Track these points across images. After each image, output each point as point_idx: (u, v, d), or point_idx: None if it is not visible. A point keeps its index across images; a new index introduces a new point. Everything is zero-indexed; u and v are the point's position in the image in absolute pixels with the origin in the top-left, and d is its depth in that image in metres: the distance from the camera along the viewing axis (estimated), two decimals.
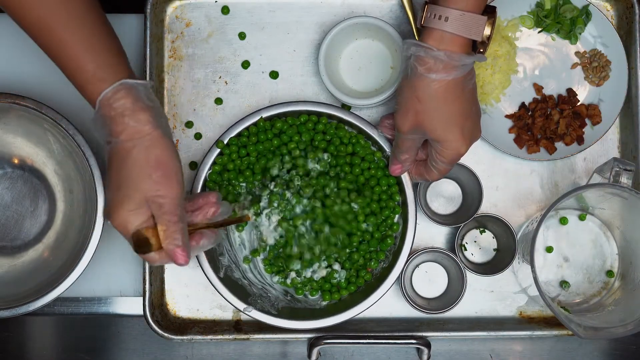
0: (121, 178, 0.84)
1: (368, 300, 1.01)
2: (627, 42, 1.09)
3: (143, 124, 0.83)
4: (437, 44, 0.84)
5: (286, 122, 1.04)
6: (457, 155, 0.91)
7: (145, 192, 0.83)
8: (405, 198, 1.02)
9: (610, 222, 1.08)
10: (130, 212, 0.84)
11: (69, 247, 1.02)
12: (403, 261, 1.01)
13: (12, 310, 0.97)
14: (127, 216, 0.84)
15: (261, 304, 1.02)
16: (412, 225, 1.02)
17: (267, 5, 1.11)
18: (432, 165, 0.94)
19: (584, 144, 1.08)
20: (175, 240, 0.84)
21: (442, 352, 1.09)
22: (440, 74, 0.84)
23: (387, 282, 1.01)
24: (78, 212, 1.04)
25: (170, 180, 0.84)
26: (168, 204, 0.84)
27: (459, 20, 0.83)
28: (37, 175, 1.07)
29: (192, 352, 1.10)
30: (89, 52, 0.83)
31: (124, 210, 0.84)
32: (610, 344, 1.11)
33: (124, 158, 0.84)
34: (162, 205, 0.84)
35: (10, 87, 1.07)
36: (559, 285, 1.08)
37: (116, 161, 0.85)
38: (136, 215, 0.84)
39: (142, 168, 0.83)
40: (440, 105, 0.87)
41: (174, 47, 1.11)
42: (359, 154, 1.04)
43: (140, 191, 0.83)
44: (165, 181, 0.84)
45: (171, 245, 0.84)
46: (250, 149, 1.03)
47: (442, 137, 0.89)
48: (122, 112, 0.83)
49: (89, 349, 1.10)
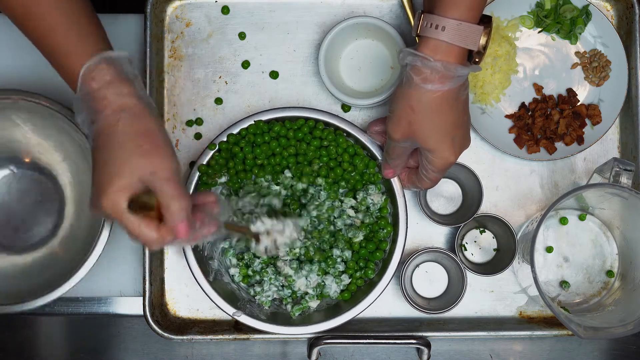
0: (108, 155, 0.78)
1: (358, 307, 1.01)
2: (627, 42, 1.09)
3: (127, 96, 0.79)
4: (433, 54, 0.83)
5: (284, 125, 1.04)
6: (447, 164, 0.92)
7: (136, 167, 0.77)
8: (396, 200, 1.03)
9: (610, 222, 1.08)
10: (120, 189, 0.77)
11: (79, 245, 1.03)
12: (393, 269, 1.01)
13: (20, 306, 0.98)
14: (118, 195, 0.76)
15: (250, 308, 1.02)
16: (403, 230, 1.02)
17: (267, 5, 1.11)
18: (423, 175, 0.95)
19: (584, 144, 1.08)
20: (181, 213, 0.78)
21: (442, 352, 1.09)
22: (435, 84, 0.84)
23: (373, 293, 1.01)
24: (88, 210, 1.05)
25: (161, 149, 0.79)
26: (166, 174, 0.77)
27: (456, 30, 0.83)
28: (46, 173, 1.08)
29: (192, 352, 1.10)
30: (68, 30, 0.80)
31: (112, 188, 0.76)
32: (610, 344, 1.11)
33: (110, 134, 0.78)
34: (159, 177, 0.77)
35: (21, 84, 1.07)
36: (559, 285, 1.08)
37: (100, 140, 0.79)
38: (127, 191, 0.77)
39: (128, 140, 0.77)
40: (433, 116, 0.87)
41: (174, 47, 1.11)
42: (358, 166, 1.03)
43: (131, 166, 0.77)
44: (157, 151, 0.78)
45: (175, 218, 0.78)
46: (246, 149, 1.03)
47: (433, 147, 0.89)
48: (105, 85, 0.78)
49: (89, 349, 1.10)
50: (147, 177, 0.77)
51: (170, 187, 0.78)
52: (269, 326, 1.00)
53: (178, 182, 0.78)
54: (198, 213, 0.85)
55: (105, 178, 0.78)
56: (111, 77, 0.79)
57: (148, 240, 0.79)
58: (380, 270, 1.02)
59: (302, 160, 1.03)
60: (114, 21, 1.11)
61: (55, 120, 1.01)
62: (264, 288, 1.02)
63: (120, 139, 0.78)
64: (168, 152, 0.79)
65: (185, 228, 0.79)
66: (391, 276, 1.01)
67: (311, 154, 1.03)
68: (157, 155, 0.78)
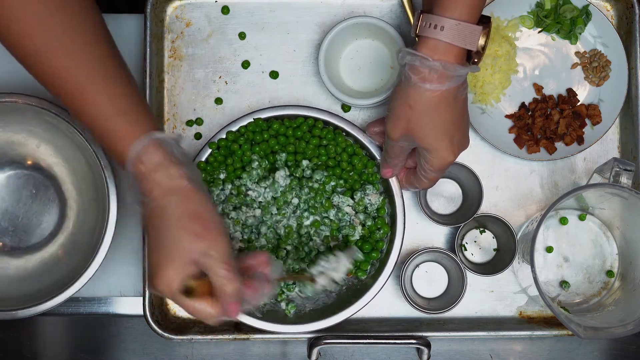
0: (159, 239, 0.79)
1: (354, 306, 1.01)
2: (627, 42, 1.09)
3: (176, 178, 0.79)
4: (432, 53, 0.83)
5: (283, 124, 1.04)
6: (446, 164, 0.91)
7: (189, 249, 0.78)
8: (394, 200, 1.02)
9: (610, 222, 1.08)
10: (173, 272, 0.78)
11: (82, 247, 1.03)
12: (390, 267, 1.01)
13: (25, 311, 0.98)
14: (171, 276, 0.78)
15: None
16: (401, 230, 1.02)
17: (267, 5, 1.11)
18: (422, 175, 0.95)
19: (584, 144, 1.08)
20: (233, 295, 0.79)
21: (442, 352, 1.09)
22: (434, 84, 0.84)
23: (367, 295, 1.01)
24: (90, 213, 1.05)
25: (212, 232, 0.79)
26: (218, 256, 0.79)
27: (455, 29, 0.83)
28: (48, 176, 1.08)
29: (192, 352, 1.10)
30: (116, 115, 0.79)
31: (166, 270, 0.78)
32: (610, 344, 1.11)
33: (160, 217, 0.79)
34: (212, 259, 0.79)
35: (21, 87, 1.07)
36: (559, 285, 1.08)
37: (152, 222, 0.80)
38: (181, 274, 0.79)
39: (180, 224, 0.78)
40: (432, 115, 0.87)
41: (174, 47, 1.11)
42: (356, 166, 1.03)
43: (183, 248, 0.78)
44: (207, 234, 0.79)
45: (228, 300, 0.79)
46: (245, 147, 1.03)
47: (432, 146, 0.89)
48: (154, 167, 0.79)
49: (89, 349, 1.10)
50: (200, 259, 0.79)
51: (223, 269, 0.79)
52: (266, 324, 1.00)
53: (230, 264, 0.79)
54: (249, 281, 0.84)
55: (159, 260, 0.79)
56: (160, 160, 0.79)
57: (205, 317, 0.81)
58: (377, 270, 1.02)
59: (300, 159, 1.03)
60: (114, 21, 1.11)
61: (55, 123, 1.01)
62: None
63: (172, 222, 0.79)
64: (220, 233, 0.80)
65: (237, 308, 0.81)
66: (388, 276, 1.01)
67: (310, 152, 1.03)
68: (209, 238, 0.79)
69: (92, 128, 0.81)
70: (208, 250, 0.79)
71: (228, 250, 0.80)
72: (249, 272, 0.86)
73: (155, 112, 1.08)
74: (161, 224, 0.79)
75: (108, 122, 0.80)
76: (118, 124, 0.80)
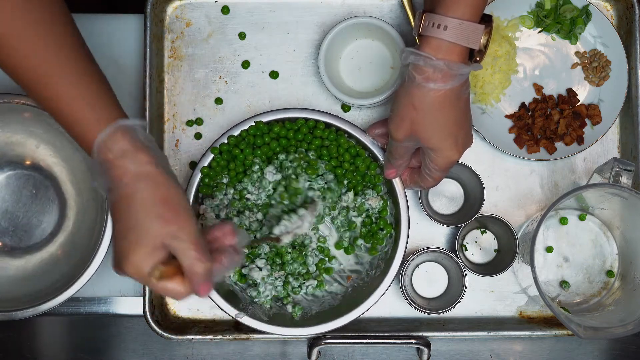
0: (128, 224, 0.79)
1: (360, 308, 1.01)
2: (627, 42, 1.09)
3: (144, 164, 0.79)
4: (435, 52, 0.83)
5: (284, 126, 1.04)
6: (451, 163, 0.92)
7: (158, 234, 0.78)
8: (398, 201, 1.02)
9: (610, 222, 1.08)
10: (142, 256, 0.78)
11: (82, 247, 1.03)
12: (396, 268, 1.01)
13: (25, 311, 0.98)
14: (140, 261, 0.78)
15: (252, 309, 1.02)
16: (405, 230, 1.02)
17: (267, 5, 1.11)
18: (426, 174, 0.95)
19: (584, 144, 1.08)
20: (203, 275, 0.79)
21: (442, 352, 1.09)
22: (438, 83, 0.84)
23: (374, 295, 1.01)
24: (89, 213, 1.05)
25: (180, 215, 0.80)
26: (188, 238, 0.79)
27: (458, 29, 0.83)
28: (48, 175, 1.08)
29: (192, 352, 1.10)
30: (80, 99, 0.80)
31: (135, 255, 0.78)
32: (610, 344, 1.11)
33: (128, 203, 0.79)
34: (182, 241, 0.79)
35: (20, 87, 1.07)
36: (559, 285, 1.08)
37: (120, 207, 0.80)
38: (150, 258, 0.79)
39: (149, 209, 0.79)
40: (436, 114, 0.87)
41: (174, 47, 1.11)
42: (359, 168, 1.03)
43: (151, 233, 0.78)
44: (176, 218, 0.79)
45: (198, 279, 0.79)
46: (246, 151, 1.03)
47: (436, 146, 0.89)
48: (121, 154, 0.79)
49: (89, 349, 1.10)
50: (169, 242, 0.79)
51: (192, 249, 0.79)
52: (270, 327, 1.00)
53: (199, 245, 0.80)
54: (218, 257, 0.84)
55: (129, 245, 0.79)
56: (127, 146, 0.79)
57: (175, 295, 0.81)
58: (382, 271, 1.02)
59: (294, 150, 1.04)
60: (114, 21, 1.11)
61: (54, 123, 1.00)
62: (260, 290, 1.02)
63: (140, 208, 0.79)
64: (188, 216, 0.80)
65: (207, 287, 0.81)
66: (393, 277, 1.01)
67: (312, 153, 1.03)
68: (178, 222, 0.79)
69: (57, 116, 0.81)
70: (177, 233, 0.79)
71: (196, 231, 0.80)
72: (216, 243, 0.86)
73: (155, 112, 1.08)
74: (130, 210, 0.79)
75: (74, 110, 0.80)
76: (84, 112, 0.80)
